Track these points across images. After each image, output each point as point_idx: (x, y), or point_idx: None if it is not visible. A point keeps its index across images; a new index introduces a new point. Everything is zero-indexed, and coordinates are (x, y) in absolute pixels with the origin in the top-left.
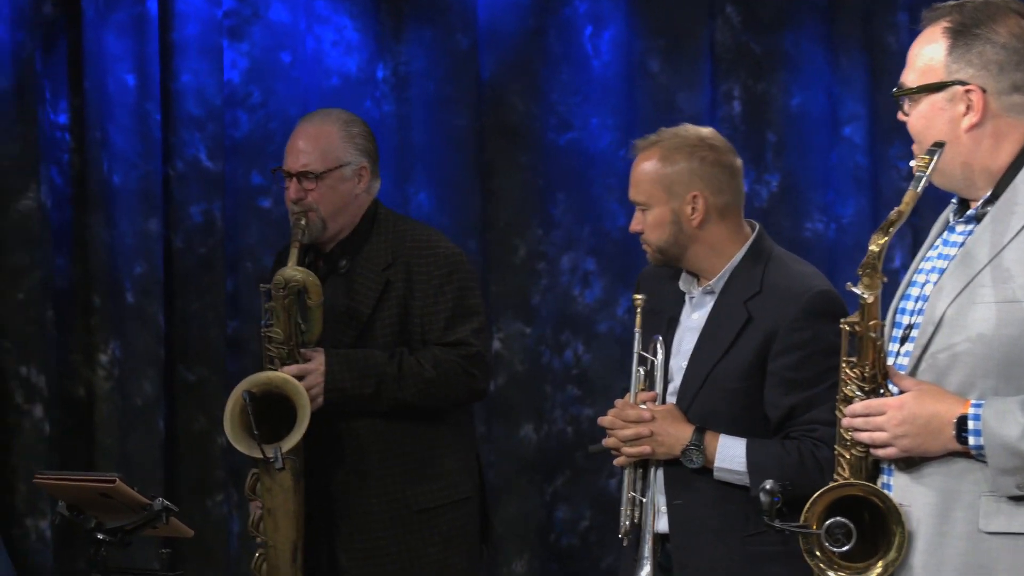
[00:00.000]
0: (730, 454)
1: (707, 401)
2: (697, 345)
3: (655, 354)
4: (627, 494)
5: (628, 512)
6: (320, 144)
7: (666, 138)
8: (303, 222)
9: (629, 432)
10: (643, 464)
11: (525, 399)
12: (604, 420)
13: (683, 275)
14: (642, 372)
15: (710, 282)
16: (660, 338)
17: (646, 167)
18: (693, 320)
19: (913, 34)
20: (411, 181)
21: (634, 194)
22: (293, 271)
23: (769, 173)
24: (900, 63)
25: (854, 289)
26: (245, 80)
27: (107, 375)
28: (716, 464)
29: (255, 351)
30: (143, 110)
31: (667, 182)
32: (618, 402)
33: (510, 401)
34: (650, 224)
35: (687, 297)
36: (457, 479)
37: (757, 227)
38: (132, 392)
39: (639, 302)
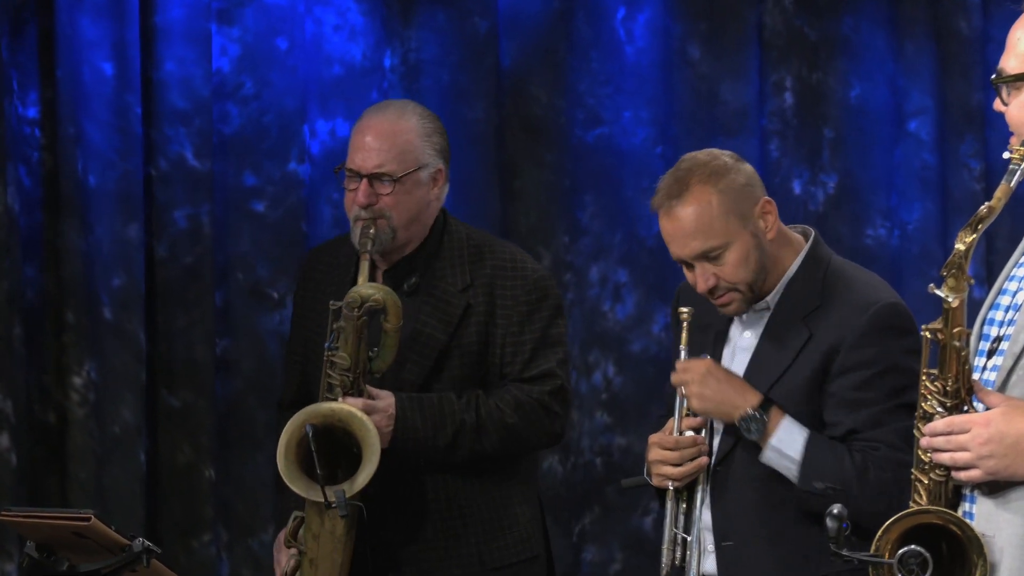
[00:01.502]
0: (790, 437)
1: None
2: (750, 367)
3: None
4: (669, 531)
5: (670, 551)
6: (398, 142)
7: (686, 173)
8: (372, 231)
9: (674, 455)
10: (688, 498)
11: None
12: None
13: None
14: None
15: (766, 298)
16: (708, 357)
17: (705, 205)
18: (745, 339)
19: (991, 16)
20: None
21: (700, 244)
22: (371, 288)
23: (825, 174)
24: (972, 49)
25: (937, 291)
26: (236, 69)
27: (81, 399)
28: (772, 442)
29: (247, 373)
30: (122, 102)
31: (735, 206)
32: (657, 437)
33: None
34: (733, 265)
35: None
36: (529, 532)
37: (812, 234)
38: (109, 419)
39: (685, 315)
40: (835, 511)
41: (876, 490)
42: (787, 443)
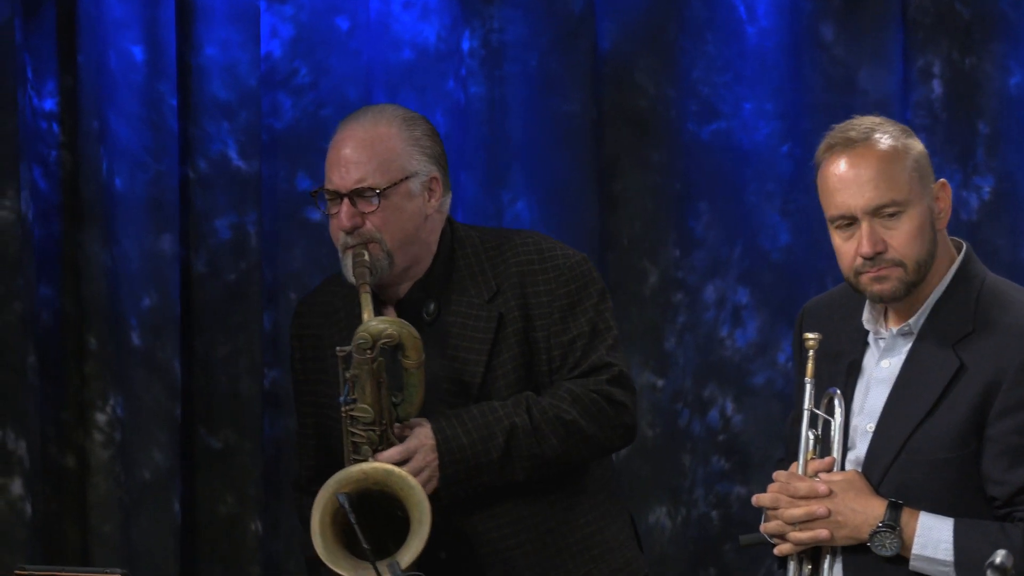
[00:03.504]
0: (934, 537)
1: (904, 476)
2: (890, 403)
3: (831, 412)
4: None
5: None
6: (378, 151)
7: (876, 121)
8: (366, 257)
9: (799, 512)
10: (814, 554)
11: (656, 474)
12: (763, 498)
13: (867, 309)
14: (812, 436)
15: (908, 320)
16: (838, 391)
17: (899, 153)
18: (883, 369)
19: None
20: (506, 185)
21: (882, 194)
22: (381, 323)
23: (980, 176)
24: None
25: None
26: (289, 54)
27: (106, 440)
28: (914, 551)
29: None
30: (155, 93)
31: (921, 169)
32: (780, 474)
33: (637, 476)
34: (908, 233)
35: (872, 338)
36: (627, 554)
37: (964, 247)
38: (138, 462)
39: (812, 342)
40: (997, 561)
41: None
42: (932, 545)
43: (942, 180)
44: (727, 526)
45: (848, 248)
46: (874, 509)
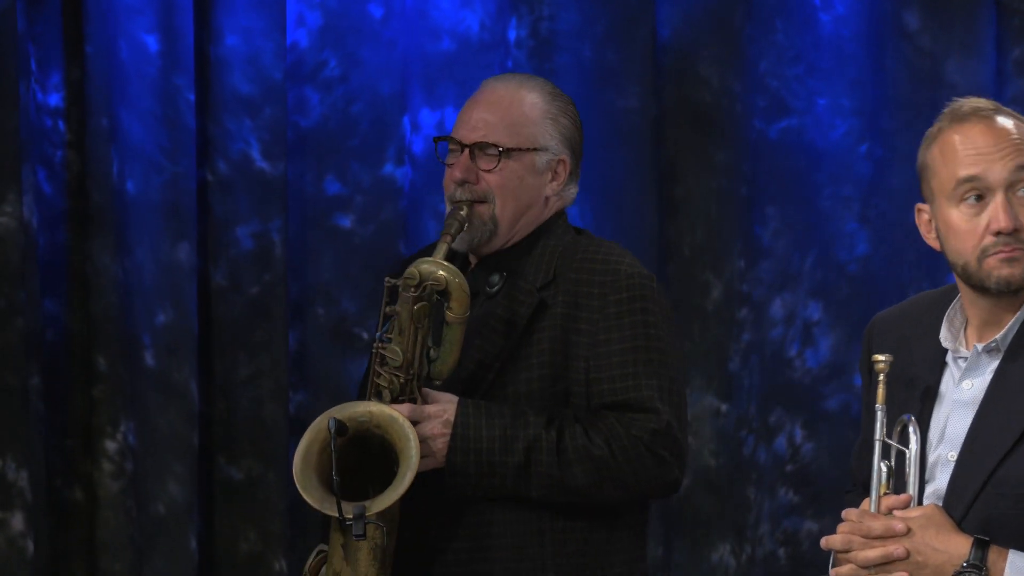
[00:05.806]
0: None
1: (990, 510)
2: (974, 428)
3: (905, 442)
4: None
5: None
6: (512, 112)
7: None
8: (463, 212)
9: (874, 554)
10: None
11: (719, 508)
12: (834, 540)
13: (945, 325)
14: (885, 468)
15: (996, 336)
16: (912, 418)
17: None
18: (964, 391)
19: None
20: None
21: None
22: (434, 266)
23: None
24: None
25: None
26: (317, 44)
27: (116, 470)
28: None
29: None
30: (170, 87)
31: None
32: (851, 512)
33: (698, 510)
34: None
35: (951, 357)
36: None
37: None
38: (152, 495)
39: (882, 364)
40: None
41: None
42: None
43: None
44: (796, 566)
45: (974, 226)
46: (958, 547)
